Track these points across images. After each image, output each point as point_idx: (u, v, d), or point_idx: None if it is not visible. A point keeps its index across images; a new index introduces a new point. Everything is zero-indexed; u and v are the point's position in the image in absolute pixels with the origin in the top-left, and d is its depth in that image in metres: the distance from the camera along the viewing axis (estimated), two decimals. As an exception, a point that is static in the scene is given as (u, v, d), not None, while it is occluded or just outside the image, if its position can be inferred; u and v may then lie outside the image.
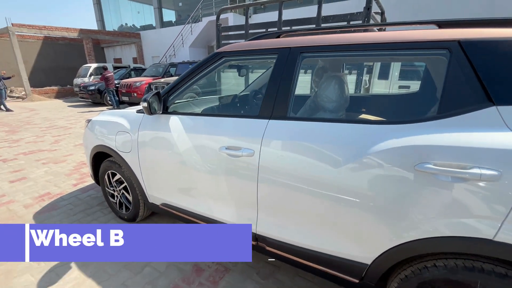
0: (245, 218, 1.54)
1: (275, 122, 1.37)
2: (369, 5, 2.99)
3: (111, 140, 2.13)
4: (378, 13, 4.33)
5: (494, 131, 0.91)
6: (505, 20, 1.05)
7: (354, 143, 1.14)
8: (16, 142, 5.19)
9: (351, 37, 1.27)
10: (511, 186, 0.86)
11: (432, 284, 1.06)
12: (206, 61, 1.68)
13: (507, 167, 0.86)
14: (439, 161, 0.96)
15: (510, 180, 0.86)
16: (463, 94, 1.00)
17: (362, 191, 1.12)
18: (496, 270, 0.95)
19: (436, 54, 1.14)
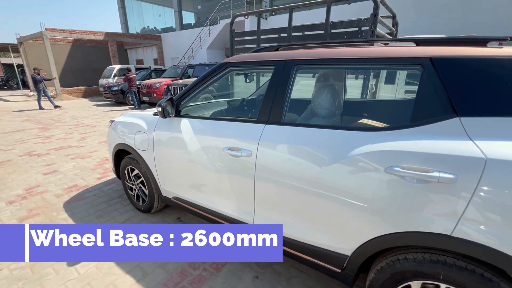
0: (245, 212, 1.72)
1: (271, 126, 1.54)
2: (376, 11, 3.07)
3: (130, 139, 2.40)
4: (390, 17, 4.37)
5: (455, 140, 1.03)
6: (473, 40, 1.15)
7: (336, 147, 1.29)
8: (48, 138, 5.70)
9: (338, 52, 1.41)
10: (466, 188, 0.98)
11: (402, 275, 1.19)
12: (214, 70, 1.88)
13: (463, 171, 0.98)
14: (406, 165, 1.09)
15: (465, 183, 0.98)
16: (432, 106, 1.12)
17: (341, 189, 1.27)
18: (457, 264, 1.07)
19: (412, 69, 1.26)
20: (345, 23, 3.38)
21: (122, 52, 20.08)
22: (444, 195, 1.02)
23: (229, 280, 1.81)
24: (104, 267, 1.92)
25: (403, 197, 1.11)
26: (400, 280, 1.21)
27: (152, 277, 1.84)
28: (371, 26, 3.13)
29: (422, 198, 1.07)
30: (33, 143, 5.33)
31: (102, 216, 2.61)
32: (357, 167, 1.21)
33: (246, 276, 1.85)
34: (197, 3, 17.78)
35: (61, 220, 2.54)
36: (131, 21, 21.30)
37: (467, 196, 0.98)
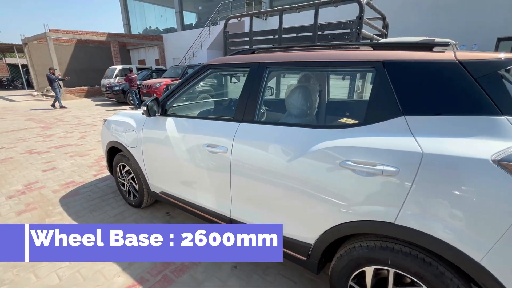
0: (222, 205, 1.84)
1: (245, 125, 1.65)
2: (361, 14, 3.16)
3: (121, 137, 2.52)
4: (379, 19, 4.45)
5: (400, 136, 1.14)
6: (423, 45, 1.25)
7: (299, 143, 1.40)
8: (49, 137, 5.87)
9: (305, 55, 1.51)
10: (406, 180, 1.08)
11: (357, 261, 1.29)
12: (197, 72, 2.00)
13: (403, 164, 1.09)
14: (356, 159, 1.19)
15: (406, 175, 1.08)
16: (381, 105, 1.22)
17: (304, 182, 1.38)
18: (403, 250, 1.17)
19: (367, 71, 1.36)
20: (332, 25, 3.48)
21: (124, 52, 20.32)
22: (388, 186, 1.13)
23: (208, 269, 1.93)
24: (93, 257, 2.05)
25: (355, 189, 1.22)
26: (356, 266, 1.31)
27: (138, 265, 1.96)
28: (356, 28, 3.22)
29: (370, 190, 1.18)
30: (35, 141, 5.50)
31: (96, 210, 2.74)
32: (317, 162, 1.32)
33: (225, 265, 1.96)
34: (198, 3, 17.95)
35: (56, 214, 2.67)
36: (134, 22, 21.54)
37: (407, 187, 1.08)
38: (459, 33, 8.44)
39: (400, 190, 1.10)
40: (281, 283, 1.80)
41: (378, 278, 1.30)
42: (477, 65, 1.07)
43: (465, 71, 1.07)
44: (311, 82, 2.15)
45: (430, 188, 1.05)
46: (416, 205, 1.08)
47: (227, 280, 1.83)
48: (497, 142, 0.97)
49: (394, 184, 1.11)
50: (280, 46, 1.75)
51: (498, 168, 0.93)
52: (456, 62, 1.09)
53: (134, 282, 1.81)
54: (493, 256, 0.96)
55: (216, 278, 1.84)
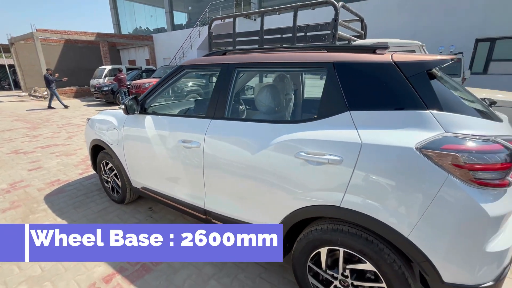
0: (197, 196, 1.95)
1: (216, 121, 1.77)
2: (336, 17, 3.32)
3: (104, 135, 2.61)
4: (358, 21, 4.63)
5: (345, 129, 1.28)
6: (366, 47, 1.40)
7: (263, 137, 1.53)
8: (36, 137, 5.86)
9: (269, 56, 1.65)
10: (349, 167, 1.22)
11: (313, 243, 1.43)
12: (173, 72, 2.11)
13: (347, 154, 1.23)
14: (309, 150, 1.33)
15: (348, 163, 1.23)
16: (331, 102, 1.36)
17: (265, 172, 1.51)
18: (350, 231, 1.31)
19: (321, 71, 1.50)
20: (310, 27, 3.63)
21: (114, 52, 20.15)
22: (334, 173, 1.27)
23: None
24: (75, 249, 2.14)
25: (308, 177, 1.36)
26: (313, 248, 1.45)
27: (118, 256, 2.06)
28: (332, 30, 3.38)
29: (320, 177, 1.32)
30: (21, 141, 5.50)
31: (80, 207, 2.82)
32: (276, 153, 1.45)
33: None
34: (188, 3, 17.94)
35: (40, 211, 2.74)
36: (123, 22, 21.37)
37: (349, 173, 1.22)
38: (438, 34, 8.76)
39: (344, 177, 1.24)
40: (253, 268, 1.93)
41: (332, 257, 1.44)
42: (408, 66, 1.22)
43: (399, 71, 1.22)
44: (284, 82, 2.29)
45: (367, 174, 1.19)
46: (357, 189, 1.22)
47: (202, 268, 1.94)
48: (421, 132, 1.12)
49: (339, 171, 1.25)
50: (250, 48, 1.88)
51: (420, 155, 1.08)
52: (392, 63, 1.24)
53: (114, 271, 1.91)
54: (417, 231, 1.11)
55: (192, 266, 1.96)
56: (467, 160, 1.02)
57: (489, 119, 1.21)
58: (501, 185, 1.04)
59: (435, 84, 1.19)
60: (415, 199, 1.10)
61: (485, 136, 1.08)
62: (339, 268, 1.40)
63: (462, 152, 1.03)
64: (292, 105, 2.12)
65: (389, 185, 1.15)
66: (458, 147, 1.04)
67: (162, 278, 1.85)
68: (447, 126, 1.11)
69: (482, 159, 1.02)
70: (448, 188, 1.04)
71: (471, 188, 1.03)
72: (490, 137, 1.08)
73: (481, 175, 1.03)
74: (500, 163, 1.03)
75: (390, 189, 1.15)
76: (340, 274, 1.40)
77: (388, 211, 1.16)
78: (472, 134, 1.08)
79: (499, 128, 1.18)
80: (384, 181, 1.16)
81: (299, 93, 2.75)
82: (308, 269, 1.52)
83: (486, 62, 8.66)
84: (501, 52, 8.40)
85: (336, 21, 3.33)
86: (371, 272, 1.32)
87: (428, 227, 1.09)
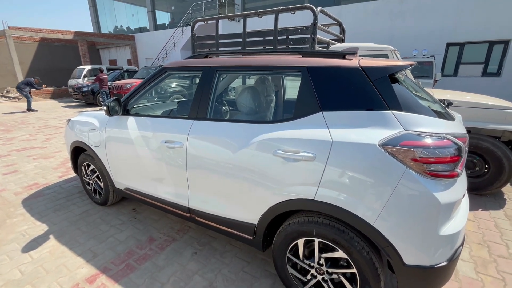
0: (181, 195, 2.00)
1: (198, 122, 1.83)
2: (315, 21, 3.46)
3: (85, 137, 2.59)
4: (336, 25, 4.82)
5: (318, 128, 1.39)
6: (337, 53, 1.52)
7: (243, 137, 1.61)
8: (10, 140, 5.62)
9: (248, 60, 1.73)
10: (321, 163, 1.33)
11: (291, 235, 1.53)
12: (155, 74, 2.15)
13: (320, 151, 1.34)
14: (286, 148, 1.43)
15: (320, 159, 1.33)
16: (306, 103, 1.47)
17: (246, 169, 1.59)
18: (324, 222, 1.42)
19: (296, 75, 1.60)
20: (291, 31, 3.75)
21: (94, 52, 19.53)
22: (308, 169, 1.37)
23: (170, 256, 2.09)
24: (57, 252, 2.12)
25: (285, 173, 1.45)
26: (291, 240, 1.55)
27: (102, 257, 2.07)
28: (311, 33, 3.52)
29: (296, 173, 1.42)
30: (-6, 145, 5.25)
31: (60, 210, 2.77)
32: (256, 152, 1.54)
33: (186, 252, 2.13)
34: (171, 3, 17.72)
35: (18, 215, 2.67)
36: (103, 20, 20.75)
37: (321, 169, 1.33)
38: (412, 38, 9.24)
39: (317, 172, 1.35)
40: (236, 263, 2.00)
41: (309, 248, 1.55)
42: (373, 70, 1.34)
43: (364, 75, 1.34)
44: (265, 84, 2.39)
45: (337, 168, 1.30)
46: (328, 183, 1.33)
47: (186, 265, 2.00)
48: (384, 130, 1.25)
49: (312, 167, 1.36)
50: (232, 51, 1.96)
51: (382, 151, 1.21)
52: (358, 68, 1.36)
53: (97, 271, 1.92)
54: (381, 220, 1.23)
55: (176, 263, 2.01)
56: (422, 155, 1.16)
57: (443, 118, 1.36)
58: (451, 176, 1.18)
59: (396, 87, 1.33)
60: (379, 191, 1.22)
61: (438, 133, 1.22)
62: (315, 258, 1.51)
63: (417, 147, 1.17)
64: (273, 106, 2.22)
65: (356, 178, 1.26)
66: (415, 143, 1.18)
67: (147, 276, 1.88)
68: (406, 124, 1.24)
69: (434, 153, 1.16)
70: (406, 180, 1.17)
71: (425, 179, 1.17)
72: (441, 134, 1.22)
73: (433, 167, 1.16)
74: (450, 156, 1.17)
75: (357, 182, 1.27)
76: (316, 262, 1.51)
77: (356, 202, 1.28)
78: (427, 132, 1.22)
79: (451, 126, 1.33)
80: (352, 175, 1.27)
81: (280, 94, 2.86)
82: (287, 260, 1.62)
83: (456, 65, 9.22)
84: (469, 55, 8.98)
85: (315, 25, 3.48)
86: (343, 260, 1.44)
87: (390, 215, 1.21)
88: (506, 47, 8.37)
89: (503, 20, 8.09)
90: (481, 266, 1.98)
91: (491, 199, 2.99)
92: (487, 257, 2.08)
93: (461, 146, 1.21)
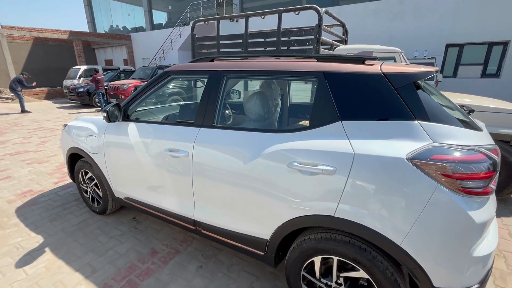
0: (186, 207, 1.89)
1: (205, 130, 1.72)
2: (320, 22, 3.37)
3: (83, 143, 2.47)
4: (339, 26, 4.74)
5: (337, 139, 1.29)
6: (358, 58, 1.42)
7: (254, 146, 1.51)
8: (3, 143, 5.44)
9: (258, 64, 1.63)
10: (342, 177, 1.23)
11: (307, 252, 1.43)
12: (158, 77, 2.03)
13: (340, 164, 1.24)
14: (302, 160, 1.33)
15: (342, 173, 1.24)
16: (323, 112, 1.37)
17: (258, 181, 1.49)
18: (343, 239, 1.32)
19: (311, 81, 1.51)
20: (295, 32, 3.66)
21: (89, 51, 19.25)
22: (327, 183, 1.27)
23: (174, 270, 1.97)
24: (53, 267, 2.00)
25: (301, 187, 1.35)
26: (307, 257, 1.45)
27: (101, 272, 1.95)
28: (316, 34, 3.43)
29: (314, 187, 1.32)
30: (-14, 148, 5.08)
31: (56, 220, 2.64)
32: (269, 163, 1.44)
33: (191, 266, 2.02)
34: (168, 3, 17.52)
35: (12, 226, 2.54)
36: (99, 20, 20.47)
37: (342, 183, 1.24)
38: (412, 39, 9.21)
39: (337, 187, 1.25)
40: (245, 278, 1.90)
41: (326, 266, 1.45)
42: (397, 77, 1.25)
43: (387, 82, 1.25)
44: (272, 88, 2.29)
45: (360, 183, 1.21)
46: (350, 199, 1.23)
47: (191, 280, 1.89)
48: (411, 143, 1.15)
49: (332, 181, 1.26)
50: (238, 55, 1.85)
51: (410, 165, 1.11)
52: (381, 74, 1.27)
53: (97, 289, 1.81)
54: (409, 239, 1.14)
55: (181, 279, 1.90)
56: (455, 170, 1.07)
57: (471, 129, 1.27)
58: (485, 193, 1.09)
59: (421, 94, 1.23)
60: (407, 208, 1.13)
61: (470, 146, 1.13)
62: (333, 276, 1.41)
63: (450, 162, 1.07)
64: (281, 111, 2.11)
65: (381, 194, 1.17)
66: (447, 157, 1.08)
67: (150, 294, 1.77)
68: (434, 136, 1.15)
69: (468, 168, 1.07)
70: (438, 197, 1.08)
71: (458, 196, 1.07)
72: (474, 147, 1.13)
73: (467, 184, 1.07)
74: (484, 172, 1.08)
75: (383, 199, 1.17)
76: (334, 282, 1.41)
77: (380, 221, 1.18)
78: (458, 144, 1.13)
79: (481, 138, 1.24)
80: (377, 190, 1.18)
81: (286, 98, 2.76)
82: (302, 278, 1.52)
83: (456, 66, 9.21)
84: (469, 57, 8.98)
85: (320, 26, 3.39)
86: (364, 279, 1.34)
87: (419, 235, 1.12)
88: (505, 48, 8.38)
89: (502, 21, 8.10)
90: (499, 279, 1.90)
91: (502, 205, 2.93)
92: (505, 269, 2.00)
93: (496, 160, 1.12)
